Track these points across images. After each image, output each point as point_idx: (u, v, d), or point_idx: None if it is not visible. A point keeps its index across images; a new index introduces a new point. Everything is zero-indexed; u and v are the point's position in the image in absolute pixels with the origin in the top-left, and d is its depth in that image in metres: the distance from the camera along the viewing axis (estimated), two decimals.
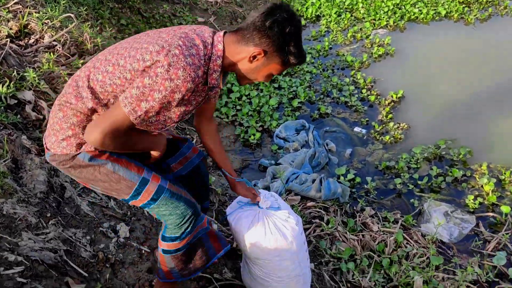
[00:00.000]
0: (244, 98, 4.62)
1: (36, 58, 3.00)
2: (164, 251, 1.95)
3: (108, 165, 1.67)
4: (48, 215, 2.33)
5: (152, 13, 5.67)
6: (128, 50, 1.52)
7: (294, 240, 2.06)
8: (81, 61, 3.10)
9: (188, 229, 1.87)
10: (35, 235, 2.17)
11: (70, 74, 3.00)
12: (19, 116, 2.58)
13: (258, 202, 2.15)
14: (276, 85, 4.93)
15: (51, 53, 3.01)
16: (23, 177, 2.38)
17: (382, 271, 2.73)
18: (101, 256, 2.35)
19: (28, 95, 2.66)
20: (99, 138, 1.47)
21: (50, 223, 2.29)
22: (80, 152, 1.64)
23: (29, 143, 2.47)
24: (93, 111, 1.58)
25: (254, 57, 1.55)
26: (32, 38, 3.18)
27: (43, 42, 3.15)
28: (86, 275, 2.22)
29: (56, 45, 3.18)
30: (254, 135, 4.09)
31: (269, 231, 2.04)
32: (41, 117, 2.63)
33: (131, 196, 1.73)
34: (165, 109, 1.51)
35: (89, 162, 1.65)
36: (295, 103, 4.59)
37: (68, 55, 3.17)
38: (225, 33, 1.61)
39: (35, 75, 2.69)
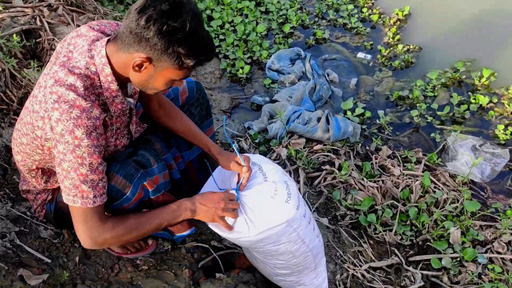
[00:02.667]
0: (227, 25, 3.96)
1: None
2: None
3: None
4: None
5: None
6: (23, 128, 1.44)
7: (288, 220, 1.57)
8: None
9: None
10: None
11: (4, 2, 2.33)
12: None
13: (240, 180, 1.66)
14: (262, 8, 4.25)
15: None
16: None
17: (409, 222, 2.32)
18: (67, 235, 1.86)
19: None
20: (90, 242, 1.38)
21: None
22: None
23: None
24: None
25: (139, 65, 1.29)
26: None
27: None
28: (49, 261, 1.74)
29: None
30: (242, 68, 3.50)
31: (251, 223, 1.56)
32: None
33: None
34: (100, 154, 1.33)
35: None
36: (287, 28, 3.96)
37: None
38: (108, 41, 1.35)
39: None
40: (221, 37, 3.84)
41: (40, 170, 1.55)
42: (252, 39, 3.78)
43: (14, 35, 2.09)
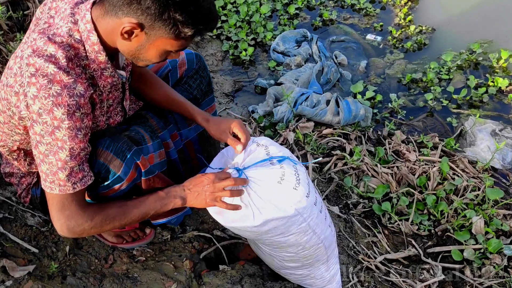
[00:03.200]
0: (229, 6, 3.77)
1: None
2: None
3: None
4: None
5: None
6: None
7: (296, 208, 1.41)
8: None
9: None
10: None
11: None
12: None
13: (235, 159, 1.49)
14: None
15: None
16: None
17: (426, 212, 2.15)
18: None
19: None
20: (66, 231, 1.23)
21: None
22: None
23: None
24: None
25: (129, 33, 1.11)
26: None
27: None
28: (36, 250, 1.59)
29: None
30: (245, 50, 3.32)
31: (256, 210, 1.39)
32: None
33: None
34: (85, 137, 1.16)
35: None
36: (292, 9, 3.77)
37: None
38: (94, 3, 1.16)
39: None
40: (223, 18, 3.65)
41: (22, 152, 1.38)
42: (255, 20, 3.60)
43: None
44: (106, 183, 1.27)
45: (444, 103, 2.83)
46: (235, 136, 1.47)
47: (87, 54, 1.16)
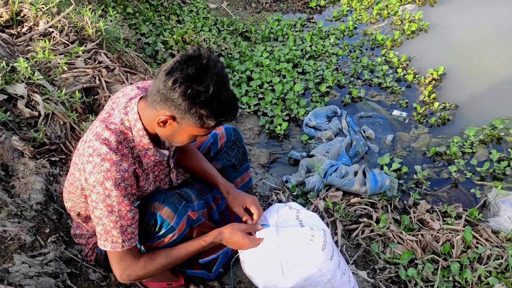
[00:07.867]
0: (265, 85, 4.17)
1: (29, 47, 2.59)
2: None
3: None
4: (47, 231, 1.92)
5: (161, 0, 5.25)
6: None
7: (320, 269, 1.63)
8: (82, 48, 2.68)
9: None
10: (31, 257, 1.76)
11: (69, 64, 2.60)
12: (9, 113, 2.17)
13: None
14: (299, 69, 4.47)
15: (47, 41, 2.60)
16: (15, 186, 1.97)
17: (451, 278, 2.26)
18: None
19: (20, 88, 2.25)
20: (125, 279, 1.53)
21: (49, 240, 1.88)
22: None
23: (22, 145, 2.06)
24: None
25: (164, 122, 1.39)
26: (26, 26, 2.78)
27: (37, 30, 2.74)
28: None
29: (52, 31, 2.77)
30: (280, 125, 3.64)
31: (286, 267, 1.63)
32: (36, 113, 2.22)
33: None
34: (130, 201, 1.45)
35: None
36: (323, 87, 4.13)
37: (67, 42, 2.76)
38: (141, 98, 1.48)
39: (27, 65, 2.28)
40: (260, 96, 4.04)
41: (89, 216, 1.68)
42: (290, 98, 3.95)
43: (77, 92, 2.31)
44: (160, 232, 1.55)
45: (468, 175, 2.99)
46: (247, 211, 1.75)
47: (134, 138, 1.47)
